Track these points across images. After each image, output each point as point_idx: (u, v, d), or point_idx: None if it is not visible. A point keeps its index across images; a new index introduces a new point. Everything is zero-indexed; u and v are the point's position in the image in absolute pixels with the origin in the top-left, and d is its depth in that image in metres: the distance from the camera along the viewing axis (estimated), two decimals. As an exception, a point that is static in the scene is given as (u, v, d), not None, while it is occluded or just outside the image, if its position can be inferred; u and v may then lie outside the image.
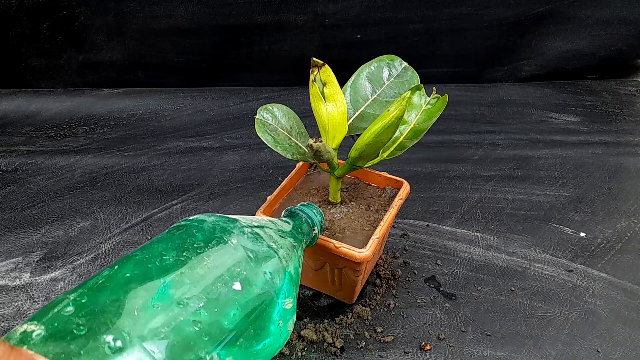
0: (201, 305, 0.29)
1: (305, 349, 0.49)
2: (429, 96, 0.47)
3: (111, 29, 0.83)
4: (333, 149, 0.45)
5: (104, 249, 0.60)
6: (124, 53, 0.86)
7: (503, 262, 0.59)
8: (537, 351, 0.49)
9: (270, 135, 0.45)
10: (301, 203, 0.45)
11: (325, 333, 0.50)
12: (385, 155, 0.45)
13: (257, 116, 0.45)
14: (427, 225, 0.63)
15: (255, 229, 0.36)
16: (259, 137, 0.44)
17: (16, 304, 0.54)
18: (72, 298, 0.27)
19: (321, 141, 0.42)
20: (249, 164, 0.74)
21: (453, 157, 0.76)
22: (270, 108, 0.46)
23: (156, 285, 0.28)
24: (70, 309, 0.26)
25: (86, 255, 0.59)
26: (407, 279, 0.56)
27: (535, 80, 0.95)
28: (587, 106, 0.89)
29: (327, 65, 0.43)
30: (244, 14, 0.82)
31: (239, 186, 0.70)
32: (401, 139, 0.45)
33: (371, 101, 0.48)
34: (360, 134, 0.44)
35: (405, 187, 0.52)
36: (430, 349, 0.49)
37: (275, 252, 0.35)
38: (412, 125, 0.46)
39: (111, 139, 0.80)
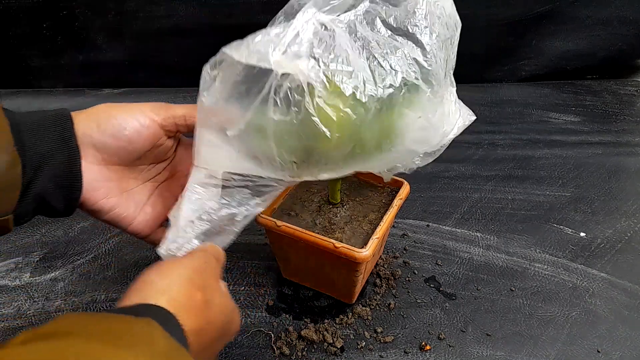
0: None
1: (306, 349, 0.49)
2: None
3: (111, 29, 0.83)
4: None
5: (104, 249, 0.60)
6: (124, 53, 0.86)
7: (503, 262, 0.59)
8: (537, 351, 0.49)
9: None
10: None
11: (325, 333, 0.50)
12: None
13: None
14: (427, 225, 0.63)
15: None
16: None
17: (16, 303, 0.54)
18: None
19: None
20: (249, 164, 0.74)
21: (453, 157, 0.76)
22: None
23: None
24: None
25: (86, 255, 0.59)
26: (407, 279, 0.56)
27: (535, 80, 0.95)
28: (587, 106, 0.89)
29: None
30: (244, 14, 0.82)
31: (239, 186, 0.70)
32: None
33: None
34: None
35: (405, 187, 0.52)
36: (430, 349, 0.49)
37: None
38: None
39: (111, 139, 0.80)
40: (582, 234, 0.62)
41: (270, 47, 0.33)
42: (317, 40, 0.34)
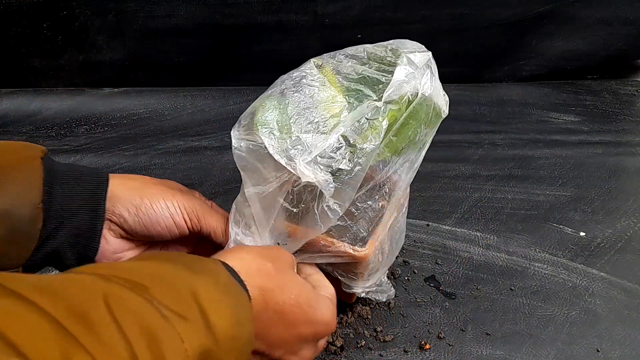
0: None
1: (305, 348, 0.49)
2: None
3: (111, 29, 0.83)
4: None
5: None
6: (124, 53, 0.86)
7: (503, 262, 0.59)
8: (537, 350, 0.49)
9: None
10: None
11: (325, 332, 0.50)
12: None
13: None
14: (427, 225, 0.63)
15: None
16: (259, 136, 0.44)
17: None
18: None
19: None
20: (249, 164, 0.74)
21: (453, 157, 0.76)
22: None
23: None
24: None
25: (86, 255, 0.59)
26: (406, 278, 0.56)
27: (535, 80, 0.95)
28: (587, 106, 0.89)
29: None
30: (244, 14, 0.82)
31: (239, 185, 0.70)
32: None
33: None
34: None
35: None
36: (429, 348, 0.49)
37: None
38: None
39: (112, 139, 0.80)
40: (582, 234, 0.62)
41: (299, 155, 0.38)
42: (342, 159, 0.38)
